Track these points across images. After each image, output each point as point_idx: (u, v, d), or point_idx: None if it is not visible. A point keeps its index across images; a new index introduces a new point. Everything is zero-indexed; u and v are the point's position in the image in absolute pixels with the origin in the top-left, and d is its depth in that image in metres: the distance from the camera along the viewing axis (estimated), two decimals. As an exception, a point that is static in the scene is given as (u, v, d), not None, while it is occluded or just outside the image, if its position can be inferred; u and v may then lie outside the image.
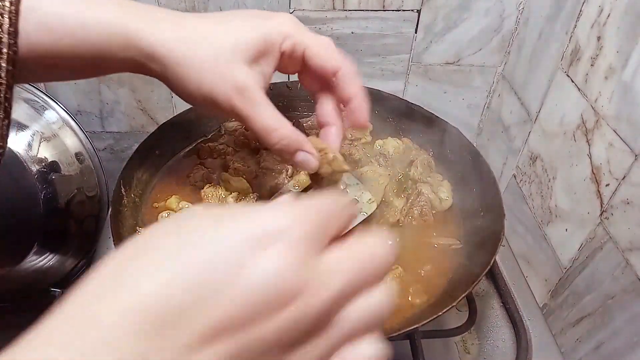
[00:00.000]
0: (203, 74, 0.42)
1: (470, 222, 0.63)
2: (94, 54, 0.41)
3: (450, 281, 0.57)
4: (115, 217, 0.56)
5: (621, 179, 0.55)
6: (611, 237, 0.57)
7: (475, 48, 0.83)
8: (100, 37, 0.41)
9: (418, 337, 0.57)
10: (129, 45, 0.41)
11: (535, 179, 0.74)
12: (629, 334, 0.55)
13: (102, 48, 0.41)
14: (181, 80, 0.43)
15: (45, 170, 0.76)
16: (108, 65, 0.44)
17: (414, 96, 0.88)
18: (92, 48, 0.41)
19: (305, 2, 0.76)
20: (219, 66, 0.42)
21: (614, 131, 0.56)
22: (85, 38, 0.40)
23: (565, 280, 0.67)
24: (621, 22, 0.55)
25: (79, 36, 0.40)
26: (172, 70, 0.42)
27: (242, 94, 0.43)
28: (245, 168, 0.64)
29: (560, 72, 0.68)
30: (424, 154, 0.70)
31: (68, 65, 0.42)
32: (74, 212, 0.80)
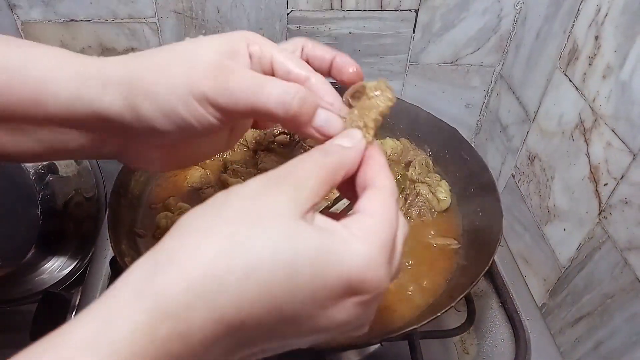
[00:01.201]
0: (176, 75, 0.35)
1: (469, 222, 0.63)
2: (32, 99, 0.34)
3: (449, 281, 0.57)
4: (113, 219, 0.56)
5: (619, 179, 0.55)
6: (610, 236, 0.57)
7: (473, 48, 0.83)
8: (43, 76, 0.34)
9: (417, 338, 0.57)
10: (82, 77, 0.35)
11: (533, 179, 0.74)
12: (628, 334, 0.55)
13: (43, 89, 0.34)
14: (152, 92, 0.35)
15: (43, 171, 0.76)
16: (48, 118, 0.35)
17: (412, 96, 0.88)
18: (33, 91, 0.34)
19: (303, 3, 0.76)
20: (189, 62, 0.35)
21: (612, 130, 0.56)
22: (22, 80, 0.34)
23: (563, 279, 0.66)
24: (619, 21, 0.55)
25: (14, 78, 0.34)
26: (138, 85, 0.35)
27: (223, 68, 0.35)
28: (244, 169, 0.64)
29: (558, 71, 0.67)
30: (421, 154, 0.70)
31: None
32: (72, 214, 0.80)
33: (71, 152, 0.38)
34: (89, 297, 0.67)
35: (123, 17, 0.75)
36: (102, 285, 0.67)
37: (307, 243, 0.25)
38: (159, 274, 0.23)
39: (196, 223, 0.26)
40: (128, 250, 0.55)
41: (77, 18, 0.74)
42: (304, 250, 0.25)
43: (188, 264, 0.24)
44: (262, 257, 0.24)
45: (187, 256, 0.24)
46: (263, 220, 0.25)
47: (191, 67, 0.34)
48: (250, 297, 0.24)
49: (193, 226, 0.26)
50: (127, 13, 0.74)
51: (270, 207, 0.26)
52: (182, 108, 0.34)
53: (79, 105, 0.35)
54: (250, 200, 0.27)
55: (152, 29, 0.77)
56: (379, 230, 0.28)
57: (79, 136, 0.37)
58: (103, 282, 0.68)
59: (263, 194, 0.27)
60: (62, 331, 0.22)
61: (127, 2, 0.73)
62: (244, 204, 0.26)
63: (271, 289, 0.24)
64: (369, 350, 0.63)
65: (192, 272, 0.23)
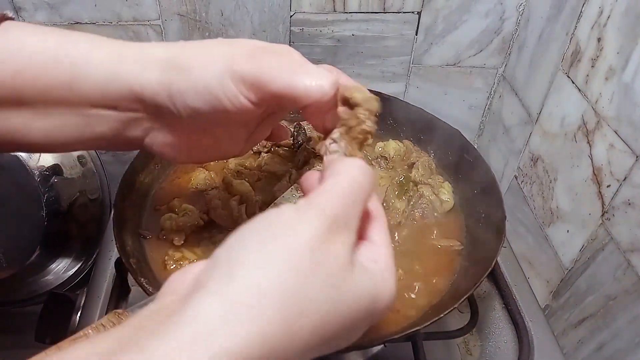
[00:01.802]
0: (214, 49, 0.37)
1: (472, 224, 0.63)
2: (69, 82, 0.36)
3: (452, 283, 0.57)
4: (117, 220, 0.56)
5: (622, 180, 0.55)
6: (612, 238, 0.57)
7: (475, 49, 0.83)
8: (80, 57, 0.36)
9: (420, 339, 0.57)
10: (119, 56, 0.37)
11: (536, 180, 0.74)
12: (631, 335, 0.55)
13: (80, 70, 0.36)
14: (187, 68, 0.36)
15: (48, 173, 0.77)
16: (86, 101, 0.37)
17: (414, 98, 0.88)
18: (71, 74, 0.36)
19: (306, 5, 0.77)
20: (230, 45, 0.38)
21: (614, 132, 0.56)
22: (60, 62, 0.36)
23: (566, 281, 0.67)
24: (621, 23, 0.56)
25: (53, 59, 0.36)
26: (174, 62, 0.37)
27: (264, 49, 0.37)
28: (248, 171, 0.64)
29: (560, 73, 0.68)
30: (424, 155, 0.70)
31: (37, 106, 0.37)
32: (77, 215, 0.80)
33: (99, 139, 0.39)
34: (94, 298, 0.67)
35: (127, 19, 0.75)
36: (107, 286, 0.68)
37: (364, 292, 0.28)
38: (231, 326, 0.23)
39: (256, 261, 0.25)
40: (133, 251, 0.55)
41: (81, 21, 0.75)
42: (362, 299, 0.28)
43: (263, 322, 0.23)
44: (330, 312, 0.26)
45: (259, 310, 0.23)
46: (328, 271, 0.26)
47: (229, 49, 0.36)
48: (312, 345, 0.25)
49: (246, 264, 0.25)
50: (131, 16, 0.75)
51: (334, 258, 0.27)
52: (217, 85, 0.35)
53: (115, 84, 0.36)
54: (314, 250, 0.26)
55: (156, 31, 0.77)
56: (390, 259, 0.31)
57: (110, 118, 0.38)
58: (108, 283, 0.68)
59: (325, 242, 0.27)
60: None
61: (131, 5, 0.74)
62: (309, 253, 0.26)
63: (333, 338, 0.27)
64: (372, 351, 0.63)
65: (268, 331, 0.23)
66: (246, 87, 0.36)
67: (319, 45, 0.80)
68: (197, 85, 0.36)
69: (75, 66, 0.36)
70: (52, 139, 0.38)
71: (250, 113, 0.38)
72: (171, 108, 0.37)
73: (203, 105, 0.36)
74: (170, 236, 0.58)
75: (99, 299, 0.67)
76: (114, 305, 0.60)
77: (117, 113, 0.38)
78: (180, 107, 0.37)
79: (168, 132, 0.40)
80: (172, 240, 0.58)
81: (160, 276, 0.55)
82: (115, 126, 0.39)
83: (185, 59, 0.36)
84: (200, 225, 0.59)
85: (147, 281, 0.50)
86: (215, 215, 0.59)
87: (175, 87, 0.36)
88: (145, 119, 0.39)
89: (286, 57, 0.37)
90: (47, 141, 0.38)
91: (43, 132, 0.38)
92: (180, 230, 0.58)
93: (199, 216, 0.59)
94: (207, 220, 0.60)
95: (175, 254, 0.56)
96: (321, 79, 0.36)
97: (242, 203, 0.60)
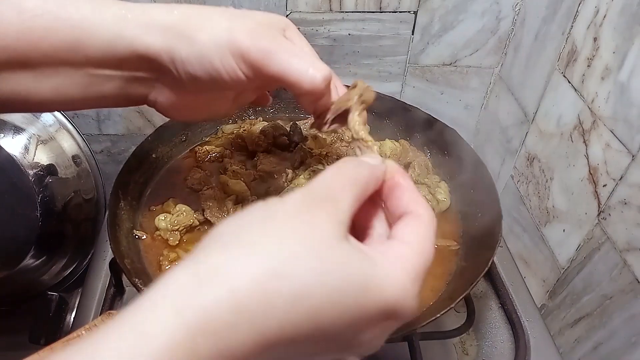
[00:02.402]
0: (220, 23, 0.38)
1: (468, 224, 0.63)
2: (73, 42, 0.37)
3: (449, 283, 0.57)
4: (112, 221, 0.55)
5: (618, 180, 0.55)
6: (609, 237, 0.57)
7: (472, 49, 0.83)
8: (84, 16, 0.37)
9: (416, 339, 0.57)
10: (122, 17, 0.38)
11: (532, 180, 0.74)
12: (627, 335, 0.55)
13: (85, 30, 0.37)
14: (191, 37, 0.38)
15: (42, 173, 0.76)
16: (90, 61, 0.38)
17: (411, 97, 0.88)
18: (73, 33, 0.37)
19: (302, 4, 0.76)
20: (237, 18, 0.39)
21: (610, 132, 0.56)
22: (63, 22, 0.37)
23: (563, 280, 0.67)
24: (617, 23, 0.56)
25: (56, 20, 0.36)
26: (178, 29, 0.38)
27: (268, 30, 0.39)
28: (244, 171, 0.64)
29: (556, 72, 0.68)
30: (421, 155, 0.70)
31: (42, 67, 0.38)
32: (71, 215, 0.80)
33: (104, 96, 0.41)
34: (89, 298, 0.66)
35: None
36: (101, 287, 0.67)
37: (353, 269, 0.25)
38: (203, 289, 0.23)
39: (241, 235, 0.25)
40: (127, 251, 0.55)
41: None
42: (351, 276, 0.25)
43: (234, 282, 0.23)
44: (312, 282, 0.24)
45: (233, 272, 0.23)
46: (311, 241, 0.25)
47: (233, 25, 0.38)
48: (296, 321, 0.24)
49: (237, 238, 0.25)
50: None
51: (316, 228, 0.26)
52: (217, 58, 0.38)
53: (119, 46, 0.38)
54: (294, 218, 0.26)
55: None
56: (415, 262, 0.28)
57: (115, 77, 0.40)
58: (102, 283, 0.68)
59: (307, 212, 0.26)
60: (94, 340, 0.22)
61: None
62: (289, 221, 0.26)
63: (318, 315, 0.24)
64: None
65: (239, 290, 0.23)
66: (244, 64, 0.38)
67: (315, 44, 0.80)
68: (199, 55, 0.38)
69: (78, 28, 0.37)
70: (60, 96, 0.40)
71: (245, 85, 0.40)
72: (173, 71, 0.39)
73: (202, 73, 0.39)
74: (165, 236, 0.58)
75: (93, 300, 0.66)
76: (109, 306, 0.60)
77: (122, 72, 0.40)
78: (181, 72, 0.39)
79: (169, 91, 0.42)
80: (167, 241, 0.57)
81: (155, 277, 0.54)
82: (120, 84, 0.41)
83: (190, 28, 0.38)
84: (195, 225, 0.59)
85: (141, 282, 0.49)
86: (210, 215, 0.59)
87: (178, 54, 0.38)
88: (148, 79, 0.41)
89: (286, 42, 0.39)
90: (55, 99, 0.40)
91: (51, 90, 0.39)
92: (175, 231, 0.58)
93: (194, 216, 0.59)
94: (202, 220, 0.59)
95: (170, 254, 0.56)
96: (315, 72, 0.38)
97: (238, 203, 0.60)
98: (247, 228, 0.26)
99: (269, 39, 0.38)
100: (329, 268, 0.25)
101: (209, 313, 0.22)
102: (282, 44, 0.39)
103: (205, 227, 0.59)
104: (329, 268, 0.25)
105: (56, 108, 0.43)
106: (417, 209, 0.30)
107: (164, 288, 0.23)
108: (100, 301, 0.65)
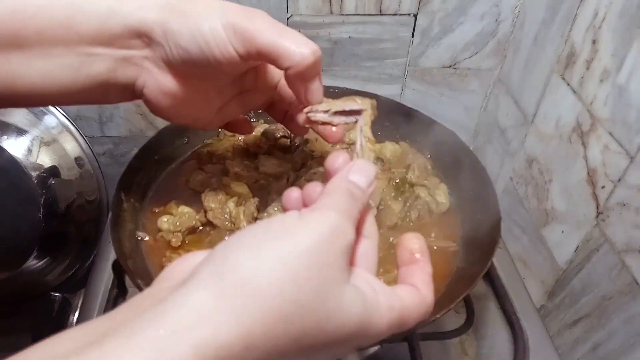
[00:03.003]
0: (208, 16, 0.39)
1: (468, 225, 0.63)
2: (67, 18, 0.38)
3: (448, 284, 0.57)
4: (114, 222, 0.56)
5: (617, 181, 0.56)
6: (607, 238, 0.58)
7: (471, 52, 0.83)
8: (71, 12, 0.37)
9: (416, 340, 0.57)
10: (110, 15, 0.38)
11: (531, 182, 0.75)
12: (626, 335, 0.55)
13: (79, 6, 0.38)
14: (187, 13, 0.39)
15: (45, 175, 0.77)
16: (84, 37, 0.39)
17: (411, 100, 0.89)
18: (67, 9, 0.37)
19: (303, 7, 0.77)
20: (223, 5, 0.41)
21: (609, 134, 0.57)
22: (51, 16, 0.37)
23: (562, 281, 0.67)
24: (616, 25, 0.56)
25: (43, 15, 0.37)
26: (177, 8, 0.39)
27: (260, 12, 0.41)
28: (246, 173, 0.64)
29: (555, 75, 0.68)
30: (421, 157, 0.70)
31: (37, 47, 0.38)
32: (74, 217, 0.80)
33: (94, 83, 0.41)
34: (92, 299, 0.67)
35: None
36: (104, 288, 0.68)
37: (351, 320, 0.27)
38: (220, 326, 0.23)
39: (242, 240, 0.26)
40: (130, 253, 0.55)
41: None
42: (348, 326, 0.27)
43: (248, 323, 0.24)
44: (312, 329, 0.25)
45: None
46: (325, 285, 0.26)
47: (226, 3, 0.40)
48: (288, 355, 0.25)
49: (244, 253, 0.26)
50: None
51: (332, 273, 0.26)
52: (209, 31, 0.39)
53: (112, 21, 0.38)
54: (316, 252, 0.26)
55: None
56: (391, 297, 0.30)
57: (106, 57, 0.40)
58: (105, 284, 0.68)
59: (329, 251, 0.27)
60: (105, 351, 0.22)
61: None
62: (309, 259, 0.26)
63: (304, 347, 0.25)
64: (368, 352, 0.63)
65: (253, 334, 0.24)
66: (235, 37, 0.39)
67: (316, 47, 0.81)
68: (191, 28, 0.39)
69: (71, 5, 0.38)
70: (48, 82, 0.40)
71: (234, 67, 0.42)
72: (164, 46, 0.40)
73: (194, 47, 0.39)
74: (168, 238, 0.58)
75: (96, 301, 0.67)
76: (111, 307, 0.60)
77: (113, 50, 0.40)
78: (173, 46, 0.40)
79: (158, 71, 0.42)
80: (169, 242, 0.58)
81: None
82: (110, 66, 0.41)
83: (184, 5, 0.39)
84: (198, 227, 0.60)
85: (144, 283, 0.50)
86: (213, 217, 0.59)
87: (170, 27, 0.39)
88: (139, 58, 0.41)
89: (276, 21, 0.41)
90: (44, 86, 0.40)
91: (41, 73, 0.39)
92: (178, 232, 0.58)
93: (196, 218, 0.59)
94: (205, 222, 0.60)
95: (172, 256, 0.57)
96: (303, 45, 0.40)
97: (240, 205, 0.60)
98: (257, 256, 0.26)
99: (260, 15, 0.40)
100: (330, 316, 0.26)
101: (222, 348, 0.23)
102: (272, 21, 0.40)
103: (207, 229, 0.60)
104: (331, 316, 0.26)
105: (44, 100, 0.43)
106: (423, 289, 0.32)
107: (176, 312, 0.23)
108: (103, 302, 0.65)
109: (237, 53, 0.40)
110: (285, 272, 0.25)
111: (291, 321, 0.24)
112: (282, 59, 0.40)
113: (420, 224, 0.63)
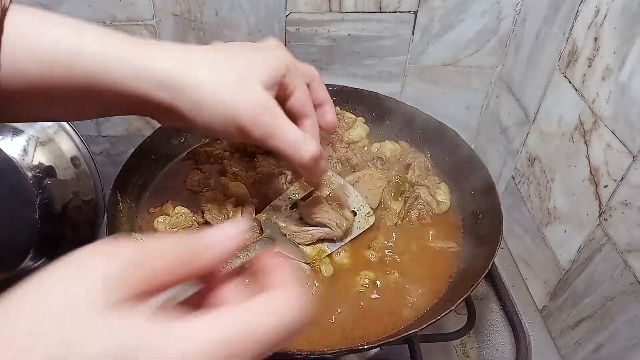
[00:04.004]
0: (224, 94, 0.42)
1: (469, 225, 0.62)
2: (89, 86, 0.39)
3: (449, 284, 0.56)
4: (110, 223, 0.55)
5: (619, 180, 0.55)
6: (610, 238, 0.57)
7: (472, 49, 0.83)
8: (97, 67, 0.39)
9: (417, 341, 0.57)
10: (135, 73, 0.40)
11: (533, 181, 0.74)
12: (629, 336, 0.55)
13: (99, 79, 0.39)
14: (197, 104, 0.41)
15: (41, 175, 0.76)
16: (105, 101, 0.42)
17: (411, 98, 0.88)
18: (88, 79, 0.39)
19: (301, 5, 0.76)
20: (240, 85, 0.42)
21: (611, 132, 0.56)
22: (79, 68, 0.39)
23: (564, 282, 0.66)
24: (618, 23, 0.55)
25: (73, 66, 0.39)
26: (187, 94, 0.41)
27: (269, 110, 0.43)
28: (244, 173, 0.64)
29: (557, 73, 0.67)
30: (421, 156, 0.70)
31: (61, 100, 0.41)
32: (70, 217, 0.79)
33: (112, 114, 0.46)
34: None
35: (121, 19, 0.75)
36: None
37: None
38: None
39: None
40: (126, 254, 0.55)
41: (75, 21, 0.74)
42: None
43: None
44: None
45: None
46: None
47: (239, 101, 0.42)
48: None
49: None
50: (125, 16, 0.74)
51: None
52: (219, 126, 0.43)
53: (127, 94, 0.41)
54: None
55: (150, 31, 0.76)
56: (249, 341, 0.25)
57: (124, 107, 0.44)
58: (101, 286, 0.67)
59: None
60: None
61: (125, 5, 0.73)
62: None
63: None
64: (369, 354, 0.63)
65: None
66: (241, 135, 0.43)
67: (315, 45, 0.80)
68: (202, 118, 0.42)
69: (96, 73, 0.39)
70: (71, 116, 0.49)
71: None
72: (179, 118, 0.43)
73: (200, 126, 0.43)
74: (164, 239, 0.57)
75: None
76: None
77: (126, 110, 0.44)
78: (186, 120, 0.43)
79: (171, 120, 0.45)
80: (166, 243, 0.57)
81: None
82: (128, 109, 0.44)
83: (197, 96, 0.41)
84: (195, 228, 0.59)
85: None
86: (210, 217, 0.58)
87: (181, 109, 0.42)
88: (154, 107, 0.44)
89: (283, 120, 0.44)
90: (66, 118, 0.50)
91: (64, 113, 0.45)
92: (174, 233, 0.57)
93: (193, 218, 0.59)
94: (202, 223, 0.59)
95: (169, 257, 0.56)
96: (304, 153, 0.45)
97: (238, 205, 0.60)
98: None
99: (270, 118, 0.43)
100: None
101: None
102: (279, 126, 0.44)
103: (204, 229, 0.59)
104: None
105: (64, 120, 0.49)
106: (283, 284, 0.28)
107: None
108: (100, 303, 0.64)
109: (241, 141, 0.47)
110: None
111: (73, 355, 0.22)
112: (284, 159, 0.46)
113: (421, 224, 0.62)
